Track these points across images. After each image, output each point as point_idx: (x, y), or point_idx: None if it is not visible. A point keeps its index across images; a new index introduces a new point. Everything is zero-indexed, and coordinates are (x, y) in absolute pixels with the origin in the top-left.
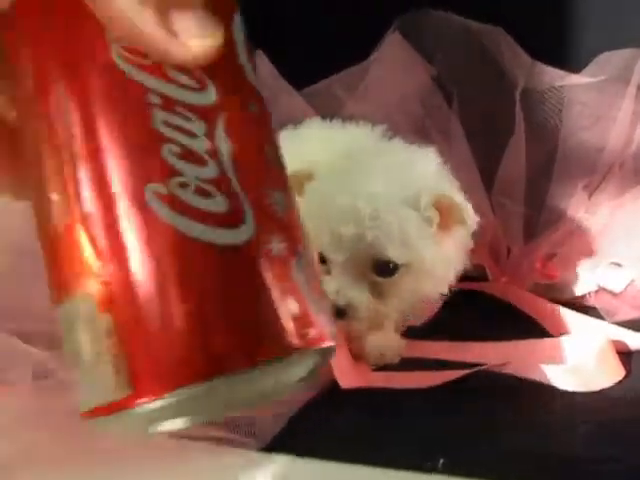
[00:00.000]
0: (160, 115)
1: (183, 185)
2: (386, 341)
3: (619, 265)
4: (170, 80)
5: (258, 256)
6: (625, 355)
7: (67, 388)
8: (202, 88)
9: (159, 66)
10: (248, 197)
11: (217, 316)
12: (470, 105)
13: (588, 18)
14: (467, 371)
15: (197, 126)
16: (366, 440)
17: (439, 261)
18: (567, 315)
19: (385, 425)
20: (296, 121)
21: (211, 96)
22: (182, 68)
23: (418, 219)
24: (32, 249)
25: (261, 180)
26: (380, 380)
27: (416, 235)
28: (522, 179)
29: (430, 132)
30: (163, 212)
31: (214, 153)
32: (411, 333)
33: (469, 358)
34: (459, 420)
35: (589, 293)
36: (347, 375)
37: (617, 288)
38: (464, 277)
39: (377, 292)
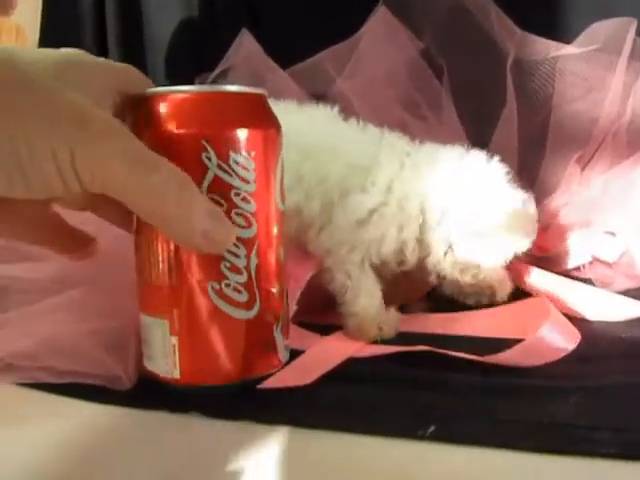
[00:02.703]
0: None
1: (227, 285)
2: (383, 315)
3: (613, 234)
4: (233, 222)
5: (258, 324)
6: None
7: None
8: (249, 227)
9: (229, 212)
10: (259, 291)
11: (232, 350)
12: (460, 78)
13: None
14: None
15: (241, 250)
16: (359, 409)
17: None
18: (557, 282)
19: (376, 395)
20: (283, 99)
21: (252, 232)
22: (242, 215)
23: None
24: None
25: (269, 281)
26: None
27: None
28: (514, 151)
29: (420, 106)
30: (214, 299)
31: (247, 267)
32: (407, 307)
33: (464, 331)
34: (449, 391)
35: (583, 265)
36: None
37: (611, 258)
38: None
39: None
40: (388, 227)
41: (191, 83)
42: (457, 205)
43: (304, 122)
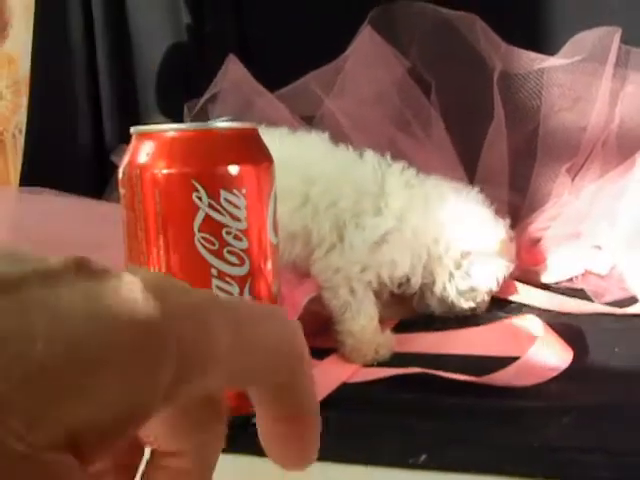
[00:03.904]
0: (216, 282)
1: None
2: (380, 337)
3: (599, 248)
4: (225, 260)
5: None
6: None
7: None
8: (241, 264)
9: (221, 251)
10: None
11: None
12: (448, 94)
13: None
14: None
15: (234, 288)
16: (350, 438)
17: None
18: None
19: (368, 423)
20: (272, 123)
21: (245, 269)
22: (234, 253)
23: None
24: None
25: None
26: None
27: None
28: (504, 165)
29: (410, 123)
30: None
31: None
32: (400, 328)
33: (458, 350)
34: (441, 416)
35: (576, 276)
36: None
37: (602, 271)
38: None
39: None
40: (402, 252)
41: (181, 108)
42: (460, 237)
43: (303, 148)
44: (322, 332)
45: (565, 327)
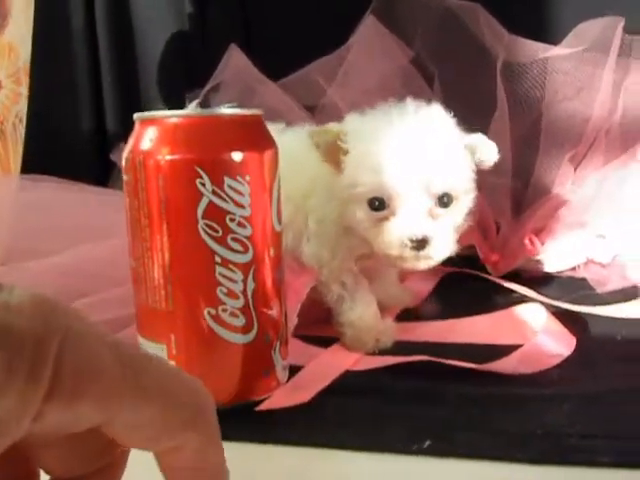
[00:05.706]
0: (219, 269)
1: (224, 310)
2: (380, 325)
3: (603, 237)
4: (229, 247)
5: (256, 347)
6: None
7: None
8: (245, 251)
9: (225, 238)
10: (257, 314)
11: (230, 375)
12: (452, 83)
13: None
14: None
15: (237, 275)
16: (353, 425)
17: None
18: None
19: (372, 410)
20: (274, 112)
21: (249, 256)
22: (237, 240)
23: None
24: None
25: (266, 304)
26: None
27: (467, 172)
28: (508, 154)
29: None
30: (211, 324)
31: (244, 292)
32: (403, 316)
33: (460, 338)
34: (444, 403)
35: (578, 265)
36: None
37: (604, 260)
38: (454, 256)
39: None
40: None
41: (182, 99)
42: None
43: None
44: (325, 321)
45: (568, 315)
